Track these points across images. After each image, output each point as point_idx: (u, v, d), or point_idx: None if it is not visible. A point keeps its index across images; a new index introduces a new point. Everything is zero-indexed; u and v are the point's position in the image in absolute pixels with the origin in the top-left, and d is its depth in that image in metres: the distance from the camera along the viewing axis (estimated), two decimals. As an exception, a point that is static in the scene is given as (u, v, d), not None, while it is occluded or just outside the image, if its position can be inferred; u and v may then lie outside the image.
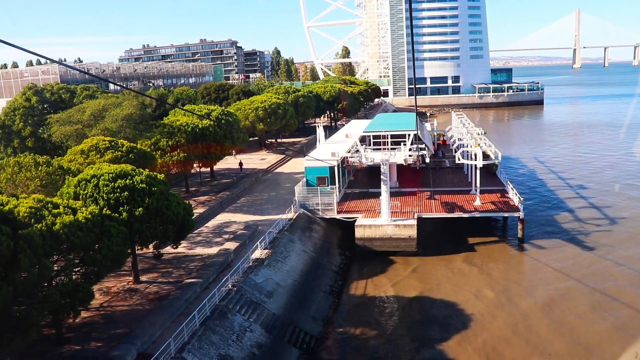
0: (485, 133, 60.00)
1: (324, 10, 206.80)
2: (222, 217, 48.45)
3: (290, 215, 46.79)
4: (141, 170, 31.34)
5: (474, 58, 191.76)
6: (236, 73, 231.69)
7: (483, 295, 37.59)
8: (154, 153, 48.01)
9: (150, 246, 31.42)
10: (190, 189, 59.35)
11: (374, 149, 50.13)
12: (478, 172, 48.93)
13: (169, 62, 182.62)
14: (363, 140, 54.52)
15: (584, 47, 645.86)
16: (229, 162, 75.77)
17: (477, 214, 46.98)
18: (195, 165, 55.57)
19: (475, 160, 48.83)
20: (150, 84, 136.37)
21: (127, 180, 29.49)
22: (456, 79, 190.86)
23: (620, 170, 74.57)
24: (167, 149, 48.52)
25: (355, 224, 45.00)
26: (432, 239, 48.25)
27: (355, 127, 72.36)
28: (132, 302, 30.87)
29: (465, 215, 46.72)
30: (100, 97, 57.68)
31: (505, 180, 55.04)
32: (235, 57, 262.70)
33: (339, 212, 48.60)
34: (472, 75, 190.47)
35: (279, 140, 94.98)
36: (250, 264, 36.15)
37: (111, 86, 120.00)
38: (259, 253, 38.14)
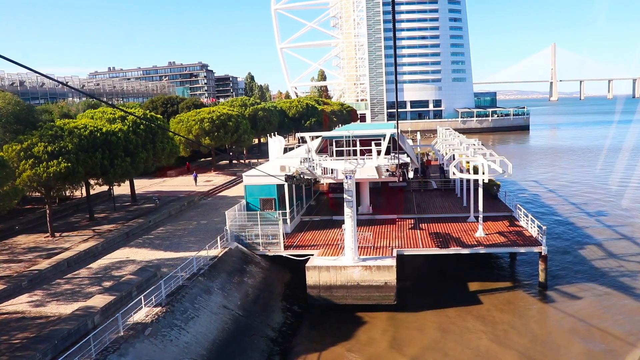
0: (483, 144, 46.77)
1: (298, 31, 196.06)
2: (118, 254, 33.94)
3: (215, 251, 32.49)
4: None
5: (457, 81, 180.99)
6: (206, 97, 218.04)
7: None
8: (25, 162, 33.83)
9: None
10: (96, 215, 44.76)
11: (336, 159, 36.35)
12: (480, 191, 35.42)
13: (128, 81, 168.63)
14: (324, 150, 40.79)
15: (560, 81, 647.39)
16: (166, 185, 61.48)
17: (482, 250, 33.16)
18: (93, 182, 41.15)
19: (476, 174, 35.37)
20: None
21: None
22: (438, 103, 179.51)
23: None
24: (43, 157, 34.15)
25: (307, 264, 30.80)
26: (419, 285, 34.35)
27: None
28: None
29: (466, 251, 32.83)
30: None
31: (512, 204, 41.63)
32: (206, 81, 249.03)
33: (287, 247, 34.43)
34: (455, 99, 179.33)
35: (234, 161, 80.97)
36: (121, 333, 21.63)
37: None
38: (144, 313, 23.68)
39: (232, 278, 30.49)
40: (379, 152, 32.97)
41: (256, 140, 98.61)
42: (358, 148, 37.82)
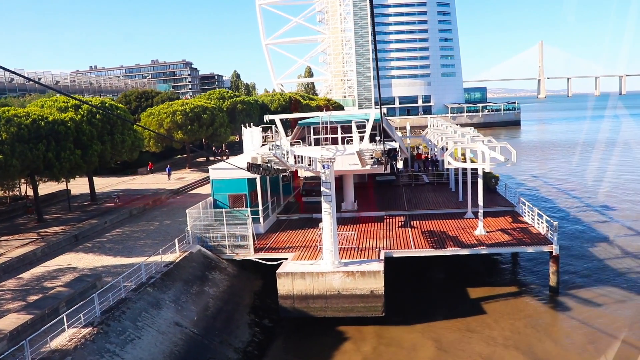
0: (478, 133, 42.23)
1: (283, 27, 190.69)
2: (59, 261, 29.04)
3: (172, 256, 27.66)
4: None
5: (446, 76, 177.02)
6: (190, 96, 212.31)
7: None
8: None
9: None
10: (48, 216, 39.75)
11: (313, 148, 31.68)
12: (480, 182, 30.88)
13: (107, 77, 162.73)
14: (302, 138, 36.15)
15: (548, 78, 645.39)
16: (136, 182, 56.52)
17: (484, 250, 28.61)
18: (38, 178, 36.18)
19: (476, 163, 30.83)
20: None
21: None
22: (427, 98, 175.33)
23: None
24: (-30, 149, 29.19)
25: (278, 270, 26.05)
26: (410, 293, 29.74)
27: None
28: None
29: (465, 251, 28.24)
30: None
31: (515, 198, 37.19)
32: (190, 79, 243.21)
33: (258, 250, 29.68)
34: (444, 94, 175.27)
35: (211, 157, 75.96)
36: (30, 366, 16.78)
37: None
38: (67, 337, 18.83)
39: (189, 288, 25.69)
40: (362, 138, 28.37)
41: (237, 138, 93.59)
42: (339, 136, 33.30)
